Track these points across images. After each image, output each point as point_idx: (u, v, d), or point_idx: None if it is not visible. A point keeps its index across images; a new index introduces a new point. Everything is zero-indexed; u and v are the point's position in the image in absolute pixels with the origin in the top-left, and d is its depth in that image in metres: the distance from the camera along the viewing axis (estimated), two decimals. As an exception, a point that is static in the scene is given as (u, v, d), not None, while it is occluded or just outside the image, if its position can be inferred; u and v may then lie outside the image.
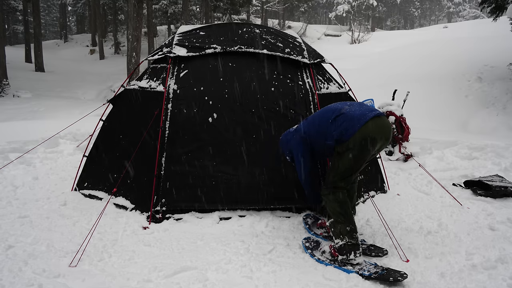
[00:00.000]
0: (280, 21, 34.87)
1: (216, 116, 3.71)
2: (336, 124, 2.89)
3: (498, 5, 9.59)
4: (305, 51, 4.16)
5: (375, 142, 2.82)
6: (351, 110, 2.92)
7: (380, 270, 2.69)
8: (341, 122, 2.88)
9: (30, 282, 2.48)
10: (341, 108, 2.97)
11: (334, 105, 3.11)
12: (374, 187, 4.32)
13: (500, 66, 10.95)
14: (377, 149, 2.95)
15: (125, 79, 6.63)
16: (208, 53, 3.93)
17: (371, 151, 2.86)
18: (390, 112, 5.98)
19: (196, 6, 26.49)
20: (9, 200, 3.89)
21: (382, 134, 2.86)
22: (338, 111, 2.96)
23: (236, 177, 3.64)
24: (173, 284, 2.58)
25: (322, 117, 3.07)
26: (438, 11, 52.42)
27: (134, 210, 3.67)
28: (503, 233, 3.35)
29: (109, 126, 4.23)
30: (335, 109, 3.01)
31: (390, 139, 2.99)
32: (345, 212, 2.87)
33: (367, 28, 34.56)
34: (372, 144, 2.82)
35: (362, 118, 2.82)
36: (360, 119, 2.81)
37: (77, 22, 46.65)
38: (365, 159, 2.89)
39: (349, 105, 3.02)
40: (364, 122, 2.79)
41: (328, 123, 2.95)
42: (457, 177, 4.90)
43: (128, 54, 14.15)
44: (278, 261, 2.91)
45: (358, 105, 3.01)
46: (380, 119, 2.89)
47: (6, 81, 12.74)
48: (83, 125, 5.69)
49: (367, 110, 2.90)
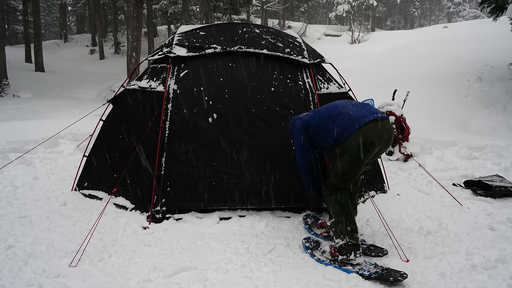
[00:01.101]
0: (280, 21, 34.87)
1: (216, 116, 3.71)
2: (336, 123, 2.89)
3: (498, 5, 9.60)
4: (305, 51, 4.16)
5: (373, 145, 2.80)
6: (352, 111, 2.91)
7: (380, 270, 2.69)
8: (340, 121, 2.87)
9: (30, 282, 2.48)
10: (344, 107, 2.97)
11: (339, 102, 3.11)
12: (374, 187, 4.32)
13: (500, 66, 10.96)
14: (377, 153, 2.93)
15: (125, 79, 6.63)
16: (208, 53, 3.93)
17: (370, 154, 2.84)
18: (390, 112, 5.98)
19: (196, 6, 26.48)
20: (9, 200, 3.89)
21: (380, 138, 2.82)
22: (339, 110, 2.96)
23: (236, 177, 3.64)
24: (173, 284, 2.58)
25: (325, 112, 3.07)
26: (438, 11, 52.44)
27: (134, 210, 3.67)
28: (503, 233, 3.35)
29: (109, 126, 4.23)
30: (337, 107, 3.01)
31: (391, 143, 2.97)
32: (346, 213, 2.87)
33: (367, 28, 34.56)
34: (370, 147, 2.80)
35: (361, 120, 2.80)
36: (360, 120, 2.80)
37: (77, 22, 46.68)
38: (364, 162, 2.88)
39: (353, 105, 3.01)
40: (363, 124, 2.77)
41: (329, 119, 2.95)
42: (457, 177, 4.90)
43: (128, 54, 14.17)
44: (278, 261, 2.91)
45: (360, 106, 3.00)
46: (381, 122, 2.85)
47: (6, 81, 12.74)
48: (83, 125, 5.69)
49: (368, 112, 2.88)
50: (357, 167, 2.90)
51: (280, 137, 3.73)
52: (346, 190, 2.94)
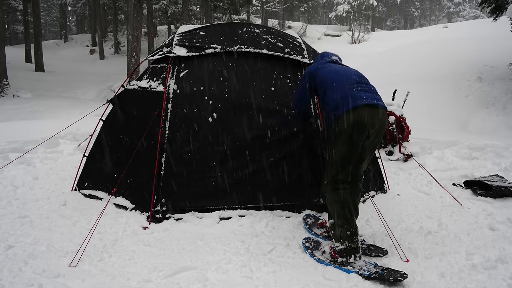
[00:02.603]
0: (280, 21, 34.87)
1: (216, 116, 3.72)
2: (332, 96, 2.89)
3: (498, 5, 9.60)
4: (305, 51, 4.16)
5: (363, 128, 2.77)
6: (356, 88, 2.89)
7: (380, 270, 2.69)
8: (336, 96, 2.86)
9: (30, 282, 2.48)
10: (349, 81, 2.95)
11: (353, 74, 3.05)
12: (374, 187, 4.32)
13: (500, 66, 10.96)
14: (369, 145, 2.89)
15: (125, 79, 6.63)
16: (208, 53, 3.93)
17: (360, 137, 2.79)
18: (390, 112, 5.98)
19: (196, 6, 26.48)
20: (9, 200, 3.89)
21: (374, 123, 2.79)
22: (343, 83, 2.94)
23: (236, 177, 3.64)
24: (173, 284, 2.57)
25: (336, 74, 3.04)
26: (438, 11, 52.45)
27: (134, 210, 3.67)
28: (503, 233, 3.35)
29: (109, 126, 4.23)
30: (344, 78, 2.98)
31: (382, 134, 2.95)
32: (346, 215, 2.83)
33: (367, 28, 34.56)
34: (360, 130, 2.76)
35: (355, 101, 2.78)
36: (351, 103, 2.78)
37: (77, 22, 46.70)
38: (357, 145, 2.83)
39: (358, 82, 2.96)
40: (355, 106, 2.76)
41: (331, 86, 2.95)
42: (457, 177, 4.90)
43: (128, 54, 14.18)
44: (278, 261, 2.91)
45: (367, 87, 2.96)
46: (374, 109, 2.81)
47: (6, 81, 12.74)
48: (83, 125, 5.69)
49: (367, 97, 2.84)
50: (351, 152, 2.83)
51: (280, 137, 3.73)
52: (346, 184, 2.90)
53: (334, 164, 2.88)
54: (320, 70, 3.13)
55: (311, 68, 3.24)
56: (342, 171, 2.88)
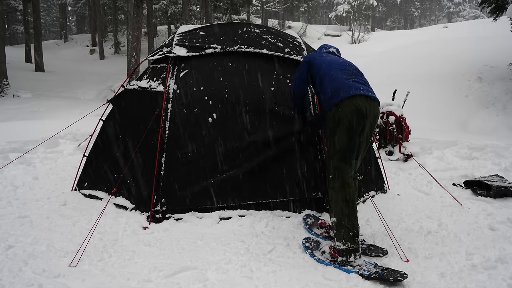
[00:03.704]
0: (280, 21, 34.86)
1: (216, 116, 3.71)
2: (329, 85, 2.91)
3: (498, 5, 9.61)
4: (305, 51, 4.16)
5: (361, 116, 2.78)
6: (353, 80, 2.92)
7: (380, 270, 2.69)
8: (333, 85, 2.89)
9: (30, 282, 2.48)
10: (345, 72, 2.99)
11: (349, 66, 3.10)
12: (374, 187, 4.32)
13: (500, 66, 10.96)
14: (365, 135, 2.90)
15: (125, 79, 6.63)
16: (208, 53, 3.93)
17: (358, 125, 2.80)
18: (390, 112, 5.99)
19: (196, 6, 26.49)
20: (9, 200, 3.90)
21: (369, 113, 2.81)
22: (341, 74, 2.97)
23: (236, 177, 3.63)
24: (173, 284, 2.57)
25: (333, 64, 3.07)
26: (438, 11, 52.44)
27: (134, 210, 3.67)
28: (503, 233, 3.35)
29: (109, 126, 4.23)
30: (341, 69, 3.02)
31: (375, 124, 2.96)
32: (350, 215, 2.81)
33: (367, 28, 34.53)
34: (359, 118, 2.78)
35: (352, 90, 2.81)
36: (349, 91, 2.81)
37: (77, 22, 46.68)
38: (356, 133, 2.83)
39: (353, 74, 3.00)
40: (353, 95, 2.79)
41: (328, 75, 2.97)
42: (457, 177, 4.90)
43: (128, 54, 14.18)
44: (278, 261, 2.91)
45: (362, 80, 2.99)
46: (370, 100, 2.85)
47: (6, 81, 12.73)
48: (83, 125, 5.69)
49: (363, 88, 2.87)
50: (349, 140, 2.82)
51: (280, 137, 3.73)
52: (350, 175, 2.87)
53: (336, 153, 2.86)
54: (318, 60, 3.16)
55: (309, 57, 3.26)
56: (344, 160, 2.85)
